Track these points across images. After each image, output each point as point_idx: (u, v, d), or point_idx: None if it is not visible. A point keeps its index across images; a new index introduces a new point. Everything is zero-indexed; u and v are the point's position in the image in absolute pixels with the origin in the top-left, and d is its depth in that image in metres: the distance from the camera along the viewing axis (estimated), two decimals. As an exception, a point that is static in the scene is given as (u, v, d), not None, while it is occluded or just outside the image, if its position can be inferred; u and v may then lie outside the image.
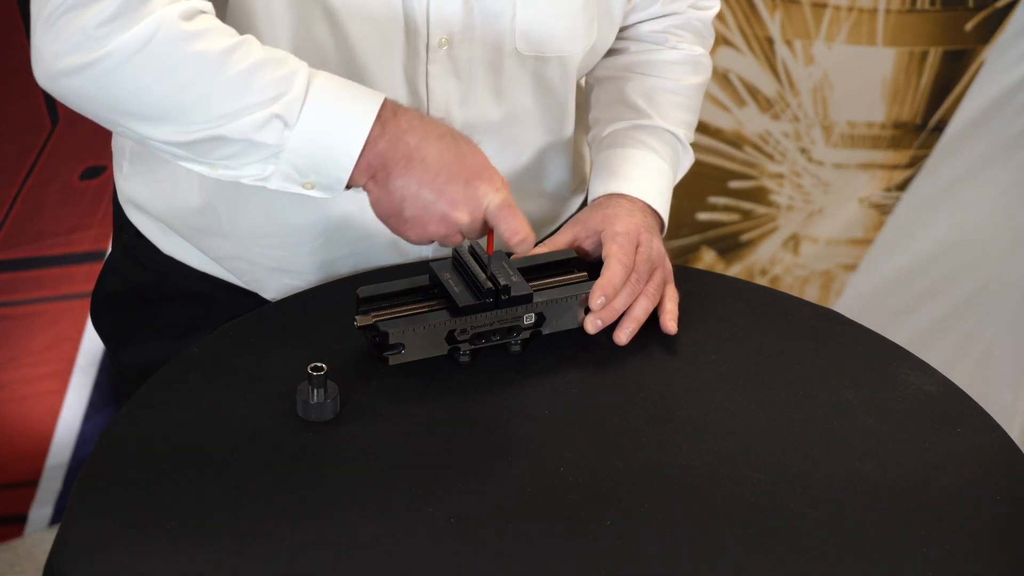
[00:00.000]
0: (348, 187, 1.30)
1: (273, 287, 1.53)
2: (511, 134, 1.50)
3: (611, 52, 1.61)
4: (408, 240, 1.33)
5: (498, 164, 1.37)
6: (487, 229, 1.33)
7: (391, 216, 1.31)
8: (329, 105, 1.27)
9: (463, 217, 1.30)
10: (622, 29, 1.59)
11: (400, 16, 1.39)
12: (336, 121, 1.27)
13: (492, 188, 1.31)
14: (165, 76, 1.24)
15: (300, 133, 1.26)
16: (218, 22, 1.27)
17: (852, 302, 2.71)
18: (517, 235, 1.31)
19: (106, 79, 1.24)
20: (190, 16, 1.25)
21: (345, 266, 1.51)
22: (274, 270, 1.51)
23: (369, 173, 1.29)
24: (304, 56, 1.30)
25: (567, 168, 1.60)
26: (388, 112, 1.28)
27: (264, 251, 1.50)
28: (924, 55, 2.49)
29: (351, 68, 1.39)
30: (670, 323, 1.42)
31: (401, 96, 1.42)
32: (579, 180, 1.65)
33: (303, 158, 1.27)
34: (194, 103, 1.25)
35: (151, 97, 1.25)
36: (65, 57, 1.24)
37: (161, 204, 1.52)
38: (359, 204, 1.47)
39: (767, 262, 2.69)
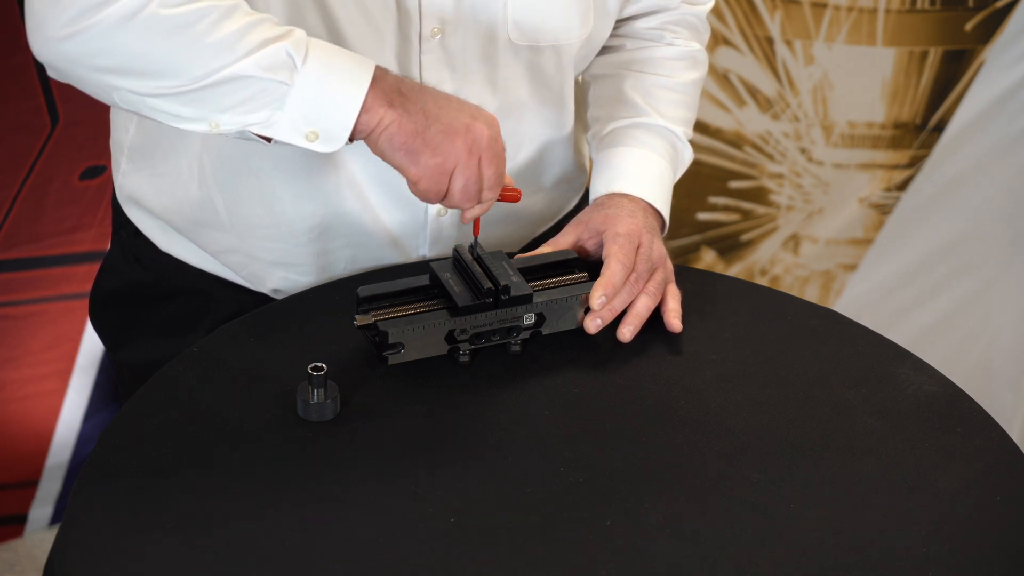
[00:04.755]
0: (354, 135, 1.30)
1: (271, 281, 1.53)
2: (508, 126, 1.50)
3: (607, 50, 1.61)
4: (426, 176, 1.31)
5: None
6: (504, 158, 1.34)
7: (415, 137, 1.30)
8: (332, 51, 1.29)
9: (484, 128, 1.31)
10: (618, 25, 1.59)
11: (392, 5, 1.39)
12: (341, 61, 1.28)
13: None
14: (170, 30, 1.24)
15: (309, 70, 1.27)
16: None
17: (852, 302, 2.71)
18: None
19: (109, 38, 1.24)
20: None
21: (342, 259, 1.51)
22: (272, 263, 1.51)
23: (385, 100, 1.29)
24: None
25: (567, 162, 1.60)
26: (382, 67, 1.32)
27: (262, 244, 1.50)
28: (924, 55, 2.49)
29: None
30: (674, 321, 1.42)
31: None
32: (579, 175, 1.65)
33: (310, 101, 1.27)
34: (203, 50, 1.25)
35: (157, 51, 1.25)
36: (65, 24, 1.24)
37: (161, 199, 1.53)
38: (357, 198, 1.47)
39: (767, 262, 2.69)
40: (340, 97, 1.28)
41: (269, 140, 1.30)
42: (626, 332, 1.41)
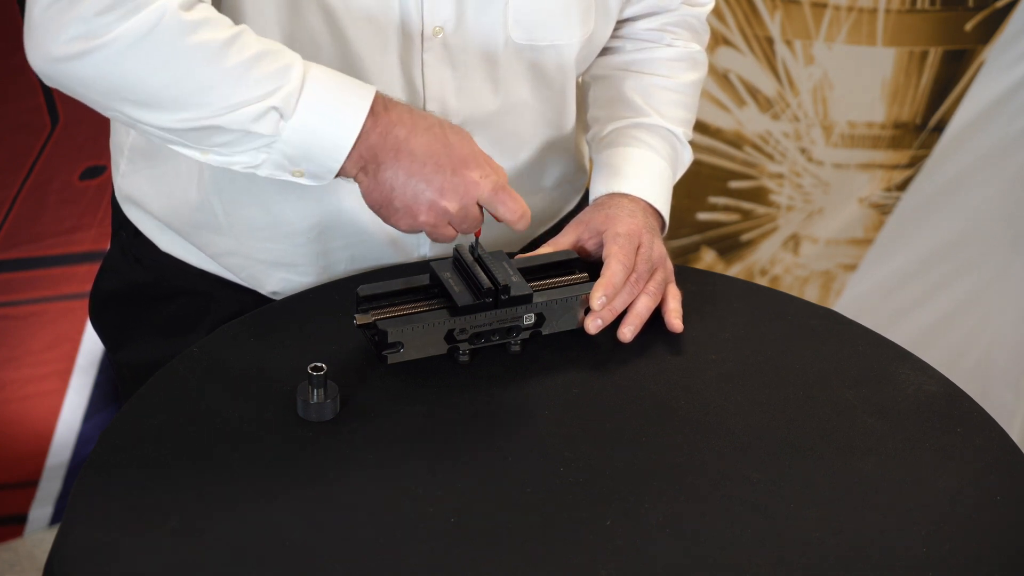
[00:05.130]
0: (338, 176, 1.32)
1: (271, 283, 1.53)
2: (509, 126, 1.50)
3: (607, 51, 1.61)
4: (399, 230, 1.35)
5: (496, 157, 1.38)
6: (479, 219, 1.34)
7: (382, 206, 1.33)
8: (324, 98, 1.29)
9: (451, 205, 1.32)
10: (618, 27, 1.59)
11: (395, 4, 1.39)
12: (330, 114, 1.29)
13: (482, 174, 1.33)
14: (165, 66, 1.25)
15: (295, 124, 1.28)
16: (215, 12, 1.29)
17: (852, 302, 2.71)
18: (515, 214, 1.34)
19: (105, 66, 1.25)
20: (190, 6, 1.26)
21: (342, 259, 1.51)
22: (271, 264, 1.52)
23: (360, 165, 1.31)
24: (299, 47, 1.32)
25: (567, 163, 1.60)
26: (380, 106, 1.31)
27: (261, 245, 1.50)
28: (924, 55, 2.49)
29: (346, 59, 1.39)
30: (675, 321, 1.42)
31: (397, 86, 1.42)
32: (580, 175, 1.65)
33: (296, 148, 1.29)
34: (192, 93, 1.26)
35: (150, 85, 1.26)
36: (64, 44, 1.25)
37: (160, 201, 1.53)
38: (356, 198, 1.47)
39: (767, 262, 2.69)
40: (324, 150, 1.29)
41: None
42: (626, 332, 1.41)
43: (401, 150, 1.31)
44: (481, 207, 1.34)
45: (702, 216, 2.64)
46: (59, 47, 1.25)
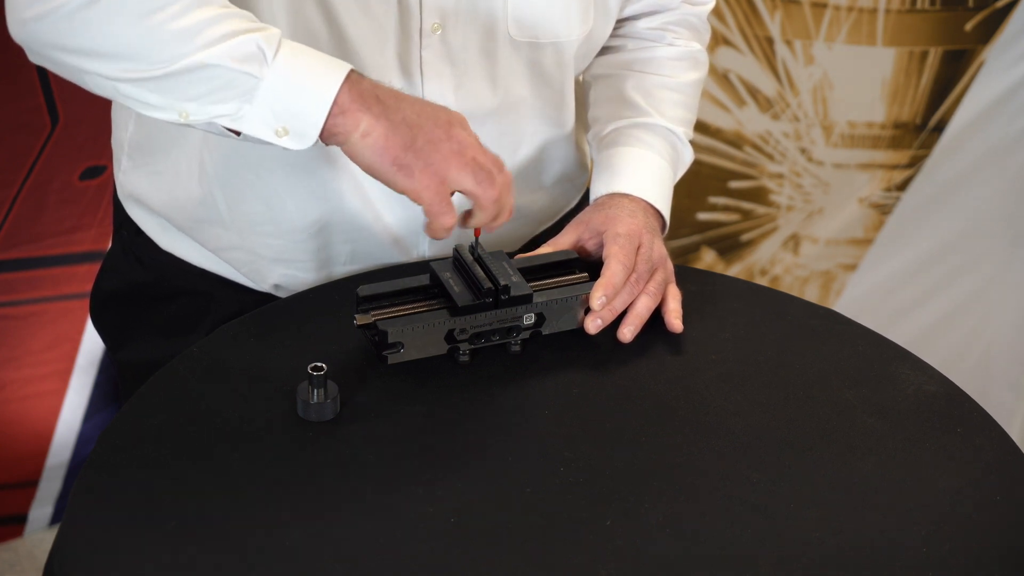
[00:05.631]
0: (328, 137, 1.28)
1: (272, 277, 1.53)
2: (508, 123, 1.50)
3: (608, 50, 1.61)
4: (418, 190, 1.28)
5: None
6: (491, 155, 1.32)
7: (405, 151, 1.27)
8: (304, 52, 1.27)
9: (461, 131, 1.30)
10: (619, 25, 1.59)
11: (393, 0, 1.39)
12: (313, 61, 1.27)
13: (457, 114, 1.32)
14: (139, 13, 1.23)
15: (278, 67, 1.25)
16: None
17: (852, 302, 2.71)
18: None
19: (75, 17, 1.23)
20: None
21: (342, 256, 1.51)
22: (272, 260, 1.51)
23: (363, 105, 1.26)
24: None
25: (567, 161, 1.60)
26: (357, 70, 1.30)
27: (262, 240, 1.50)
28: (924, 55, 2.49)
29: (345, 54, 1.39)
30: (675, 321, 1.42)
31: (395, 82, 1.42)
32: (580, 174, 1.65)
33: (280, 96, 1.25)
34: (172, 34, 1.23)
35: (124, 33, 1.23)
36: (35, 3, 1.24)
37: (161, 196, 1.53)
38: (357, 195, 1.47)
39: (767, 262, 2.69)
40: (311, 94, 1.26)
41: (238, 134, 1.28)
42: (626, 332, 1.41)
43: (400, 95, 1.29)
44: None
45: (702, 216, 2.64)
46: (30, 9, 1.24)
